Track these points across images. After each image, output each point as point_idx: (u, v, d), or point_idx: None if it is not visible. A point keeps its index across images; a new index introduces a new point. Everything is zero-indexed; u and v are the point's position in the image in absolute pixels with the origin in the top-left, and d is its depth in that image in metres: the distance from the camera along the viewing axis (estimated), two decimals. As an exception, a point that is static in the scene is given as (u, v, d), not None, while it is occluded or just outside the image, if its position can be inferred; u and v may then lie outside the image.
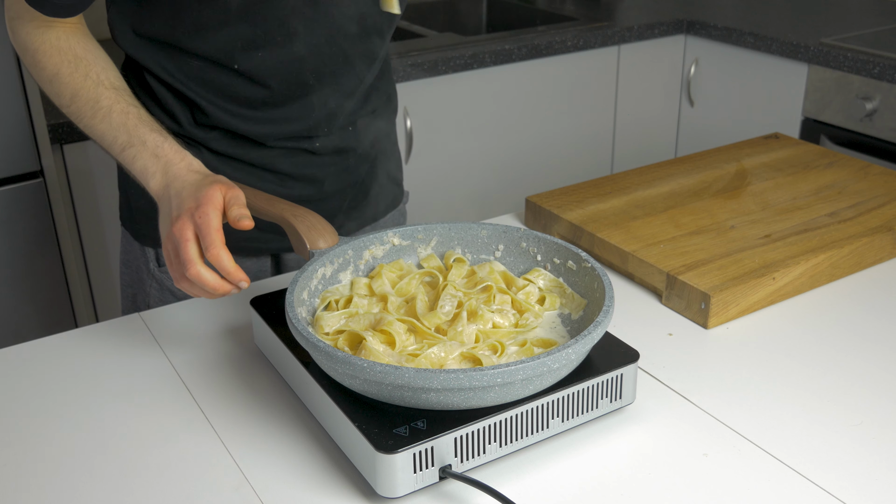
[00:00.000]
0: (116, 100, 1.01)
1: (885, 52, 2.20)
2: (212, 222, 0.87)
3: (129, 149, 0.98)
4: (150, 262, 1.22)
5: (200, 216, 0.87)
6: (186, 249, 0.87)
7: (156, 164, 0.96)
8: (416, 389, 0.77)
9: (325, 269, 0.97)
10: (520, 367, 0.76)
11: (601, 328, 0.83)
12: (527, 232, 1.01)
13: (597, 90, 2.57)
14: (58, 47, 1.02)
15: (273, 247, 1.24)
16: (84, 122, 1.02)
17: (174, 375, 0.99)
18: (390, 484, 0.77)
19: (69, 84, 1.02)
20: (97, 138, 1.02)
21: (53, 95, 1.04)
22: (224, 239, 0.87)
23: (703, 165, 1.43)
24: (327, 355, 0.79)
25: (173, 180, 0.94)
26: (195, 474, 0.84)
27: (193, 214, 0.88)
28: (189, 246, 0.87)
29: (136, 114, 1.00)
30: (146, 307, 1.24)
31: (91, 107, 1.01)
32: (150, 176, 0.96)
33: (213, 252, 0.86)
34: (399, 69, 2.16)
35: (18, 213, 1.81)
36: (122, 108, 1.00)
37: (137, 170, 0.97)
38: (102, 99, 1.01)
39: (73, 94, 1.02)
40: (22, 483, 0.83)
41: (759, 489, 0.81)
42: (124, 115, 1.00)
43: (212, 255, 0.86)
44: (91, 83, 1.02)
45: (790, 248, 1.14)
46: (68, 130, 1.84)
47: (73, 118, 1.03)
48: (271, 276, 1.27)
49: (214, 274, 0.88)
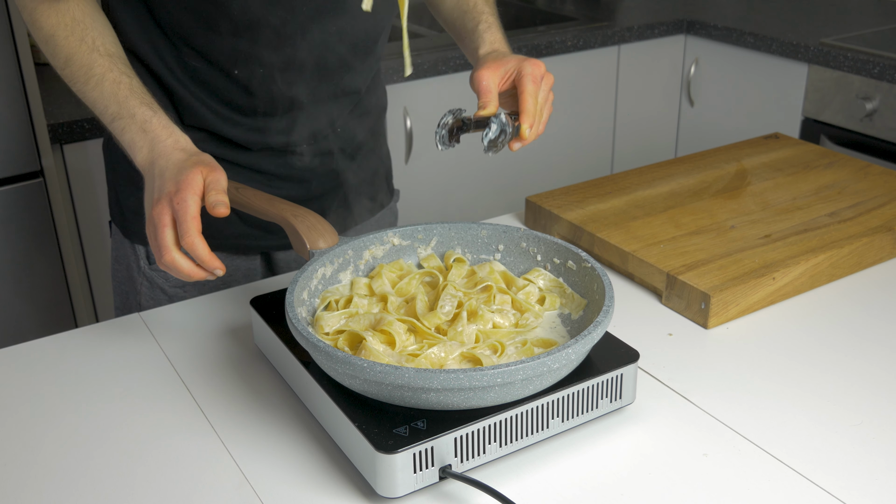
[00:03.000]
0: (110, 68, 1.00)
1: (885, 52, 2.20)
2: (189, 209, 0.87)
3: (119, 120, 0.98)
4: (140, 260, 1.22)
5: (178, 202, 0.88)
6: (163, 236, 0.88)
7: (143, 138, 0.96)
8: (417, 389, 0.77)
9: (325, 269, 0.97)
10: (520, 367, 0.76)
11: (601, 328, 0.83)
12: (527, 232, 1.01)
13: (597, 90, 2.57)
14: (56, 8, 1.02)
15: (263, 244, 1.24)
16: (77, 87, 1.02)
17: (174, 375, 0.99)
18: (390, 484, 0.77)
19: (64, 47, 1.01)
20: (89, 104, 1.02)
21: (49, 56, 1.04)
22: (200, 226, 0.88)
23: (703, 165, 1.43)
24: (327, 355, 0.79)
25: (158, 157, 0.94)
26: (195, 474, 0.84)
27: (172, 199, 0.88)
28: (165, 232, 0.88)
29: (128, 84, 1.00)
30: (137, 305, 1.24)
31: (84, 73, 1.00)
32: (137, 150, 0.96)
33: (188, 241, 0.87)
34: (399, 69, 2.16)
35: (18, 213, 1.81)
36: (114, 77, 1.00)
37: (125, 142, 0.97)
38: (96, 66, 1.00)
39: (67, 58, 1.01)
40: (22, 483, 0.83)
41: (759, 489, 0.81)
42: (116, 84, 0.99)
43: (186, 244, 0.87)
44: (86, 48, 1.01)
45: (790, 248, 1.14)
46: (68, 130, 1.84)
47: (67, 81, 1.03)
48: (262, 273, 1.27)
49: (189, 261, 0.89)
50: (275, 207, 0.98)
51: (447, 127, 0.99)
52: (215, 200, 0.89)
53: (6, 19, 1.70)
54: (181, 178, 0.89)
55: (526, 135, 0.99)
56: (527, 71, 1.00)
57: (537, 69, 1.01)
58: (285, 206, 0.98)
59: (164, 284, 1.22)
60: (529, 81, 1.00)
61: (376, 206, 1.33)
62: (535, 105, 1.00)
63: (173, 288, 1.22)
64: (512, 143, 1.00)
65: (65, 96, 1.95)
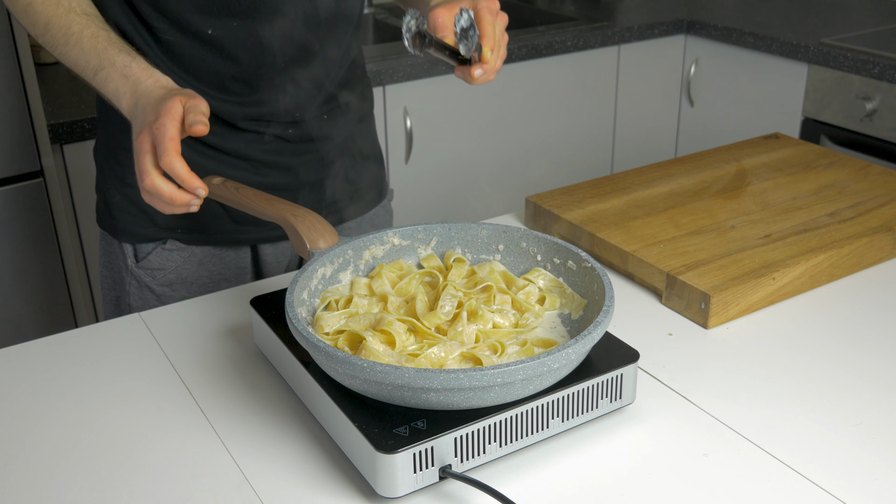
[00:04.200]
0: (87, 24, 1.01)
1: (885, 52, 2.20)
2: (167, 132, 0.87)
3: (101, 72, 0.98)
4: (128, 259, 1.22)
5: (157, 127, 0.88)
6: (143, 161, 0.88)
7: (125, 84, 0.96)
8: (417, 389, 0.77)
9: (325, 269, 0.97)
10: (520, 367, 0.76)
11: (601, 328, 0.83)
12: (527, 232, 1.01)
13: (597, 90, 2.57)
14: None
15: (253, 237, 1.25)
16: (59, 49, 1.02)
17: (174, 375, 0.99)
18: (390, 484, 0.77)
19: (42, 13, 1.02)
20: (72, 65, 1.02)
21: (28, 25, 1.04)
22: (179, 148, 0.88)
23: (703, 165, 1.43)
24: (327, 355, 0.79)
25: (141, 97, 0.94)
26: (195, 474, 0.84)
27: (152, 127, 0.88)
28: (145, 158, 0.88)
29: (106, 37, 1.00)
30: (127, 307, 1.24)
31: (63, 33, 1.01)
32: (121, 96, 0.96)
33: (166, 160, 0.87)
34: (399, 69, 2.16)
35: (18, 213, 1.81)
36: (92, 32, 1.00)
37: (110, 92, 0.98)
38: (73, 25, 1.01)
39: (46, 24, 1.02)
40: (22, 483, 0.83)
41: (759, 489, 0.81)
42: (94, 38, 1.00)
43: (165, 163, 0.87)
44: (63, 10, 1.02)
45: (790, 248, 1.14)
46: (68, 130, 1.84)
47: (49, 47, 1.03)
48: (251, 266, 1.28)
49: (171, 184, 0.88)
50: (274, 207, 0.98)
51: (411, 32, 0.98)
52: (193, 120, 0.89)
53: (6, 19, 1.70)
54: (161, 107, 0.89)
55: (488, 57, 0.99)
56: (482, 5, 1.01)
57: (493, 4, 1.02)
58: (285, 205, 0.98)
59: (152, 283, 1.22)
60: (486, 12, 1.00)
61: (368, 199, 1.33)
62: (494, 31, 1.00)
63: (161, 287, 1.22)
64: (473, 69, 0.99)
65: (65, 96, 1.95)
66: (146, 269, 1.22)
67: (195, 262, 1.23)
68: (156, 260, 1.21)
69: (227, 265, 1.25)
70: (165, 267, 1.22)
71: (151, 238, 1.21)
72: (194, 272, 1.23)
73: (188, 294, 1.23)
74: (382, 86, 2.17)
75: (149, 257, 1.21)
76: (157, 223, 1.20)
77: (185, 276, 1.23)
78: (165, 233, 1.21)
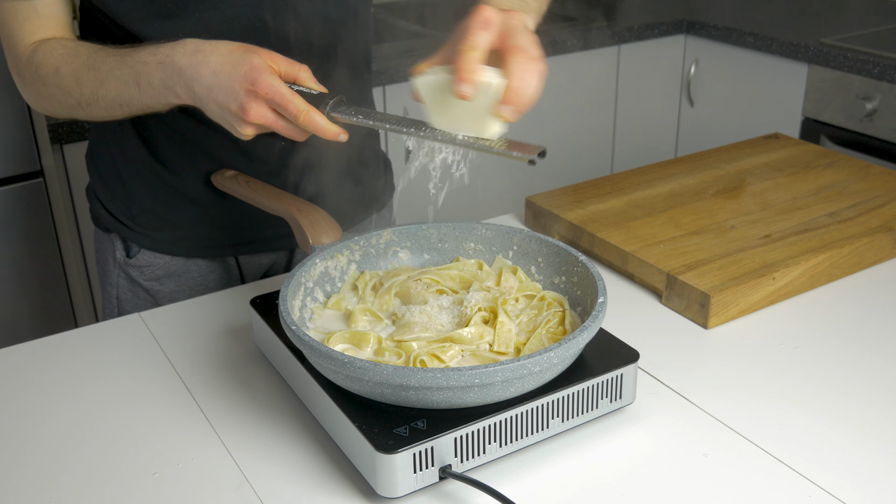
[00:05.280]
0: (104, 59, 0.98)
1: (885, 52, 2.20)
2: (279, 88, 0.85)
3: (142, 77, 0.95)
4: (117, 252, 1.21)
5: (266, 90, 0.84)
6: (292, 106, 0.85)
7: (164, 71, 0.92)
8: (396, 387, 0.77)
9: (327, 262, 0.97)
10: (498, 368, 0.76)
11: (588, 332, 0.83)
12: (529, 233, 1.01)
13: (597, 90, 2.57)
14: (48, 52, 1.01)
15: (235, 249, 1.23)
16: (100, 100, 0.99)
17: (174, 375, 0.99)
18: (390, 484, 0.77)
19: (68, 74, 1.00)
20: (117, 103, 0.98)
21: (60, 90, 1.01)
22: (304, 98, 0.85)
23: (703, 165, 1.43)
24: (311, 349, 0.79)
25: (192, 82, 0.90)
26: (195, 474, 0.84)
27: (256, 95, 0.85)
28: (274, 119, 0.86)
29: (119, 54, 0.97)
30: (118, 301, 1.23)
31: (94, 78, 0.98)
32: (173, 86, 0.92)
33: (304, 119, 0.85)
34: (399, 69, 2.16)
35: (18, 213, 1.81)
36: (115, 59, 0.97)
37: (159, 90, 0.93)
38: (98, 65, 0.98)
39: (76, 79, 0.99)
40: (21, 483, 0.83)
41: (759, 489, 0.81)
42: (120, 60, 0.97)
43: (304, 122, 0.85)
44: (81, 61, 0.99)
45: (790, 248, 1.14)
46: (68, 130, 1.84)
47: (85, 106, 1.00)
48: (236, 277, 1.26)
49: (324, 117, 0.87)
50: (281, 202, 0.99)
51: None
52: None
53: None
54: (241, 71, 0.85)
55: None
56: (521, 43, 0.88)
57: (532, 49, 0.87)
58: (291, 200, 0.99)
59: (140, 278, 1.21)
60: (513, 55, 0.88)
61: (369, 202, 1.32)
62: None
63: (148, 281, 1.21)
64: None
65: (65, 96, 1.95)
66: (134, 264, 1.21)
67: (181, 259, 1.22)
68: (143, 258, 1.21)
69: (213, 270, 1.24)
70: (153, 263, 1.21)
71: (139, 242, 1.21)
72: (181, 266, 1.22)
73: (176, 287, 1.22)
74: (382, 86, 2.17)
75: (137, 256, 1.21)
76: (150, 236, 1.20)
77: (173, 270, 1.22)
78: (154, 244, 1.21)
